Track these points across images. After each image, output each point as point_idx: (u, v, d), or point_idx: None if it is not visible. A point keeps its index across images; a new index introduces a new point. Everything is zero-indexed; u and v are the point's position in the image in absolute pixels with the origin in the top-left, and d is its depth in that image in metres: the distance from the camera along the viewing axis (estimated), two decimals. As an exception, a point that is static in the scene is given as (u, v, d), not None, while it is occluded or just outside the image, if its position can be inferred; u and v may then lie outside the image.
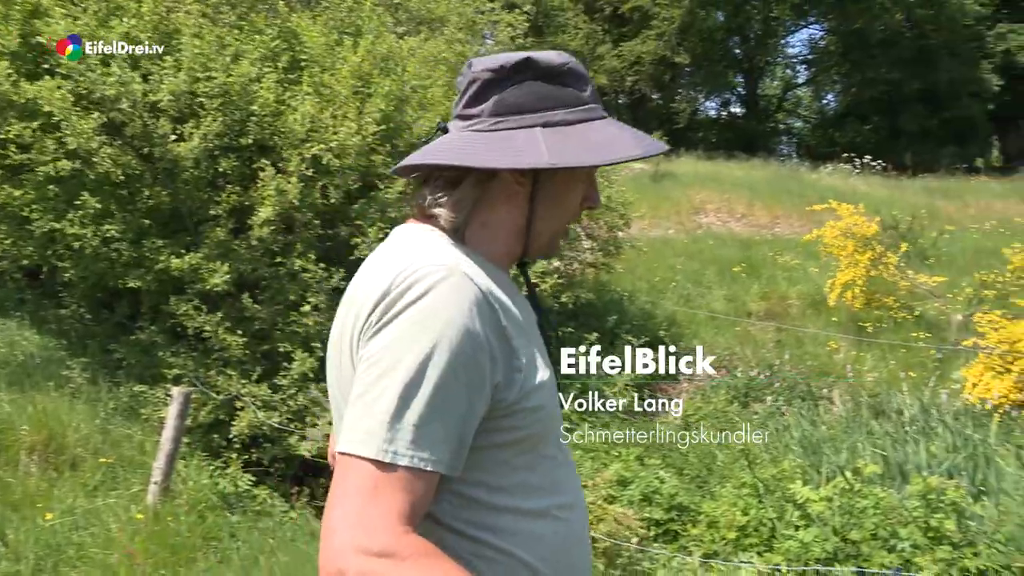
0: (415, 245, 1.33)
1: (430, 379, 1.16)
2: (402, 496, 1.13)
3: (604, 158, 1.32)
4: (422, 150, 1.39)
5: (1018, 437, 7.17)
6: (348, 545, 1.09)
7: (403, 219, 1.28)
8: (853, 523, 4.82)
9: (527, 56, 1.34)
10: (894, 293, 11.47)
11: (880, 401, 8.49)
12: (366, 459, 1.14)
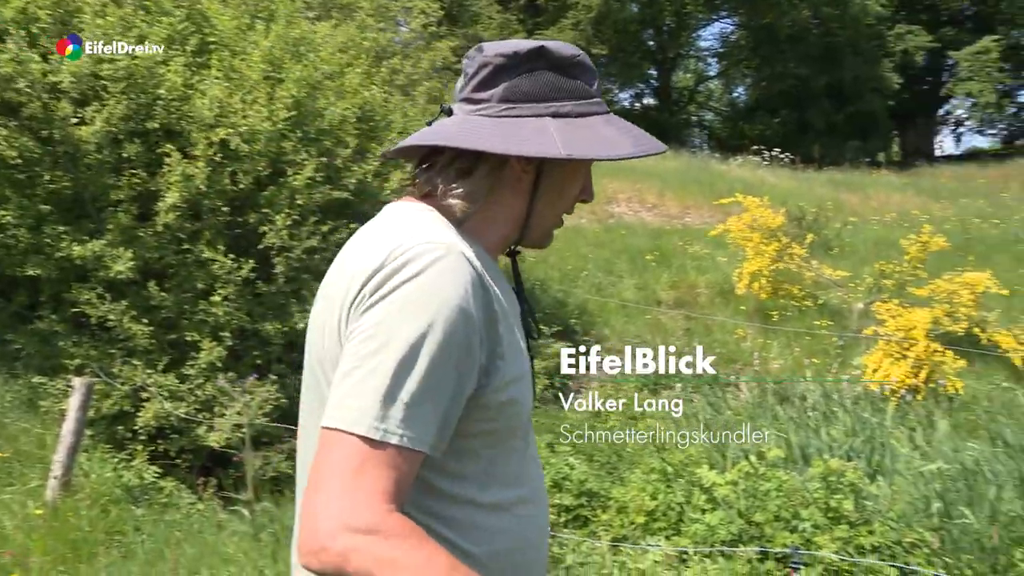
0: (410, 222, 1.30)
1: (424, 358, 1.14)
2: (388, 474, 1.11)
3: (615, 153, 1.32)
4: (428, 131, 1.37)
5: (911, 420, 7.46)
6: (332, 521, 1.07)
7: (312, 205, 1.27)
8: (757, 505, 4.95)
9: (541, 45, 1.34)
10: (799, 283, 11.78)
11: (785, 387, 8.72)
12: (355, 435, 1.11)
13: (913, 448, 6.28)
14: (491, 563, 1.29)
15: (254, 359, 6.64)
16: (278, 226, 6.47)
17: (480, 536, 1.29)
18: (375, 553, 1.06)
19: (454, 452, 1.25)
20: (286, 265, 6.60)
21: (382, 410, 1.12)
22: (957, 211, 18.79)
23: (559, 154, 1.27)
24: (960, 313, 10.02)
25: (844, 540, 4.57)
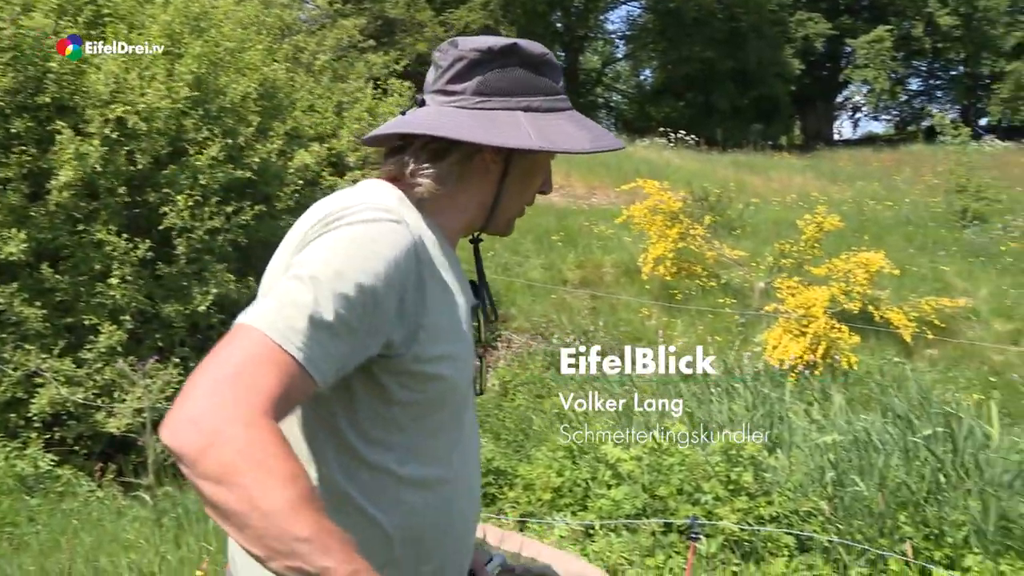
0: (368, 191, 1.36)
1: (343, 295, 1.14)
2: (280, 380, 1.08)
3: (582, 147, 1.38)
4: (404, 120, 1.39)
5: (808, 395, 7.70)
6: (212, 399, 1.04)
7: (215, 185, 1.25)
8: (661, 480, 5.05)
9: (514, 43, 1.38)
10: (702, 262, 12.02)
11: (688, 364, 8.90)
12: (262, 333, 1.10)
13: (810, 422, 6.48)
14: (398, 535, 1.31)
15: (156, 342, 6.49)
16: (180, 207, 6.31)
17: (390, 506, 1.30)
18: (239, 447, 1.02)
19: (379, 418, 1.27)
20: (187, 246, 6.45)
21: (295, 323, 1.11)
22: (854, 193, 19.40)
23: (533, 146, 1.33)
24: (855, 291, 10.36)
25: (744, 511, 4.70)
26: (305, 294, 1.13)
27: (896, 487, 4.77)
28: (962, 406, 6.44)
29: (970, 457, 4.98)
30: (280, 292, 1.15)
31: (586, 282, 12.33)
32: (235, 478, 1.00)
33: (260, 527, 1.00)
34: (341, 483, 1.27)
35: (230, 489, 1.00)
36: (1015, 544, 4.41)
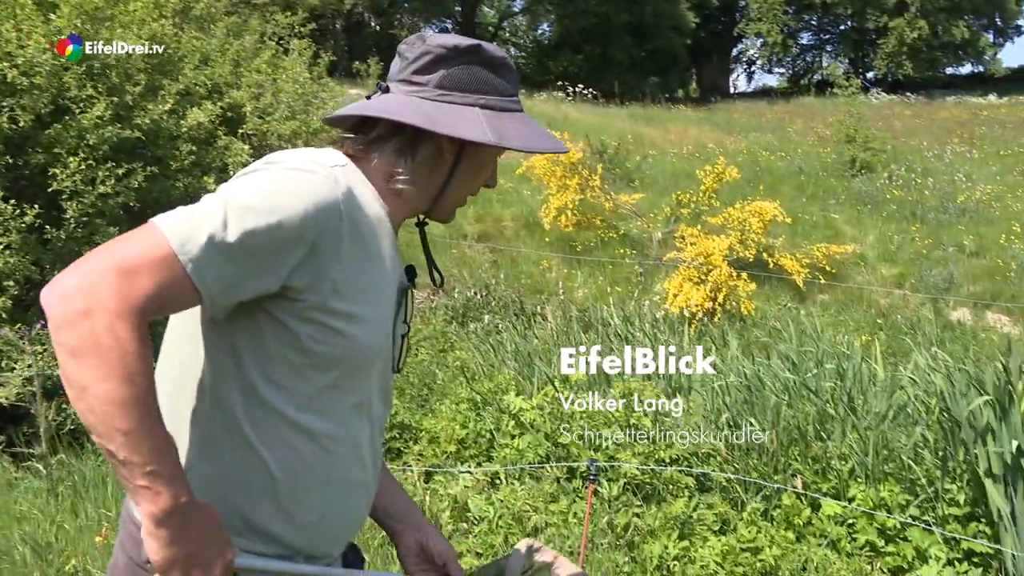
0: (323, 152, 1.41)
1: (251, 225, 1.20)
2: (161, 285, 1.15)
3: (533, 146, 1.48)
4: (369, 104, 1.46)
5: (708, 341, 7.86)
6: (97, 279, 1.11)
7: (103, 145, 1.21)
8: (562, 428, 5.10)
9: (477, 43, 1.46)
10: (601, 214, 12.12)
11: (589, 315, 8.99)
12: (165, 237, 1.16)
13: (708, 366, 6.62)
14: (283, 478, 1.36)
15: (43, 308, 6.21)
16: (71, 169, 6.03)
17: (278, 448, 1.35)
18: (99, 331, 1.11)
19: (285, 363, 1.32)
20: (78, 210, 6.17)
21: (196, 235, 1.17)
22: (748, 144, 19.80)
23: (489, 141, 1.42)
24: (751, 239, 10.61)
25: (645, 455, 4.79)
26: (216, 213, 1.19)
27: (787, 427, 4.92)
28: (851, 347, 6.65)
29: (856, 395, 5.16)
30: (197, 206, 1.21)
31: (486, 236, 12.31)
32: (85, 357, 1.10)
33: (90, 405, 1.12)
34: (238, 415, 1.33)
35: (79, 364, 1.11)
36: (893, 471, 4.60)
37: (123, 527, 1.45)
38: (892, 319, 10.57)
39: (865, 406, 5.06)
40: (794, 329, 7.92)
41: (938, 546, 4.08)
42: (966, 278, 11.96)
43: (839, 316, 10.54)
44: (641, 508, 4.46)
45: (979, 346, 8.92)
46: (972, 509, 4.34)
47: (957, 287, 11.65)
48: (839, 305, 11.10)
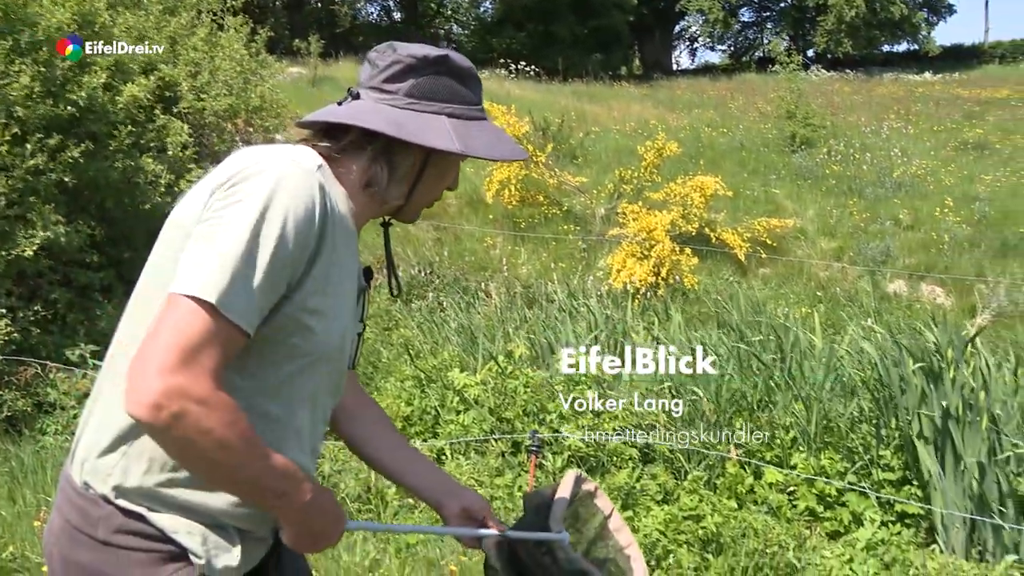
0: (296, 150, 1.45)
1: (267, 248, 1.28)
2: (223, 350, 1.25)
3: (497, 154, 1.54)
4: (341, 110, 1.51)
5: (650, 315, 7.93)
6: (172, 379, 1.19)
7: (35, 119, 1.16)
8: (507, 403, 5.12)
9: (446, 54, 1.52)
10: (545, 191, 12.13)
11: (533, 291, 9.02)
12: (209, 304, 1.23)
13: (652, 339, 6.68)
14: None
15: (-26, 291, 6.06)
16: (-2, 141, 5.86)
17: None
18: (200, 422, 1.21)
19: (260, 354, 1.39)
20: (7, 186, 6.01)
21: (232, 288, 1.25)
22: (690, 121, 19.93)
23: (456, 149, 1.48)
24: (693, 214, 10.70)
25: (590, 427, 4.82)
26: (237, 254, 1.26)
27: (730, 395, 4.99)
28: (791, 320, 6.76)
29: (796, 365, 5.25)
30: (215, 251, 1.26)
31: (429, 213, 12.25)
32: (207, 451, 1.25)
33: (242, 488, 1.34)
34: None
35: (209, 460, 1.26)
36: (833, 440, 4.70)
37: (62, 491, 1.47)
38: (831, 291, 10.76)
39: (805, 377, 5.15)
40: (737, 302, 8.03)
41: (873, 509, 4.18)
42: (902, 251, 12.20)
43: (780, 289, 10.69)
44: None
45: (914, 316, 9.10)
46: (905, 473, 4.45)
47: (893, 260, 11.88)
48: (780, 278, 11.26)
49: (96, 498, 1.39)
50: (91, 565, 1.39)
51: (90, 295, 6.78)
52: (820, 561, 3.67)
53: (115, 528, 1.37)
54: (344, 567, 3.45)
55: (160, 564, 1.38)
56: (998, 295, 10.35)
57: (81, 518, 1.40)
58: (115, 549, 1.37)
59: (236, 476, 1.32)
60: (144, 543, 1.38)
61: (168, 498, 1.39)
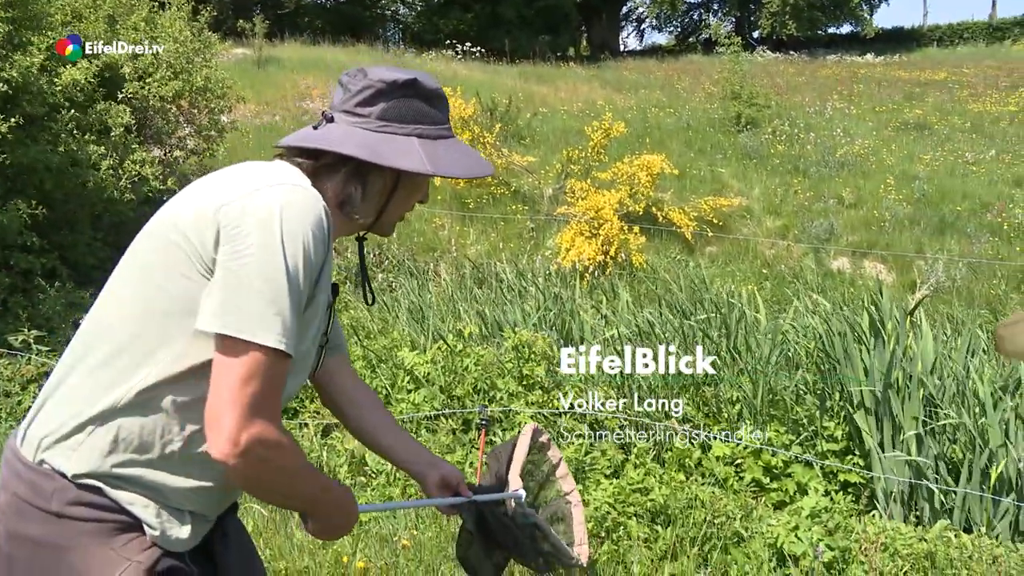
0: (287, 170, 1.55)
1: (292, 273, 1.39)
2: (280, 384, 1.41)
3: (464, 172, 1.65)
4: (318, 135, 1.60)
5: (599, 294, 7.99)
6: (247, 434, 1.35)
7: None
8: (457, 380, 5.14)
9: (414, 78, 1.61)
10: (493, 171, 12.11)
11: (482, 271, 9.03)
12: (263, 349, 1.36)
13: (600, 317, 6.74)
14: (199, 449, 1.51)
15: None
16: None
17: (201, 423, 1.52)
18: (283, 465, 1.44)
19: None
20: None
21: (278, 325, 1.37)
22: (638, 101, 20.02)
23: (426, 171, 1.58)
24: (640, 193, 10.77)
25: (539, 404, 4.86)
26: (277, 292, 1.37)
27: (677, 371, 5.05)
28: (738, 296, 6.84)
29: (741, 341, 5.33)
30: (255, 296, 1.36)
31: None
32: (279, 488, 1.51)
33: (303, 505, 1.60)
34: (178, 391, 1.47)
35: (276, 491, 1.53)
36: (778, 413, 4.79)
37: (7, 466, 1.52)
38: (777, 269, 10.92)
39: (751, 352, 5.23)
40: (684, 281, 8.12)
41: (817, 480, 4.28)
42: (845, 229, 12.41)
43: (727, 267, 10.83)
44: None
45: (857, 292, 9.28)
46: (848, 444, 4.56)
47: (837, 237, 12.09)
48: (726, 257, 11.40)
49: (50, 472, 1.44)
50: (43, 538, 1.43)
51: (32, 279, 6.66)
52: (767, 530, 3.75)
53: (69, 500, 1.42)
54: (297, 544, 3.45)
55: (114, 534, 1.44)
56: (936, 271, 10.59)
57: (32, 492, 1.44)
58: (69, 520, 1.42)
59: (291, 494, 1.55)
60: (98, 514, 1.43)
61: (128, 477, 1.45)
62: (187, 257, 1.44)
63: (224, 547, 1.68)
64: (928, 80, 24.01)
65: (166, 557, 1.48)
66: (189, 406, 1.47)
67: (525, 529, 2.06)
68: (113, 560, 1.43)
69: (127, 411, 1.45)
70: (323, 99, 17.09)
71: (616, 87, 22.16)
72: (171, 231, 1.48)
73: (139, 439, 1.46)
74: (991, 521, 4.06)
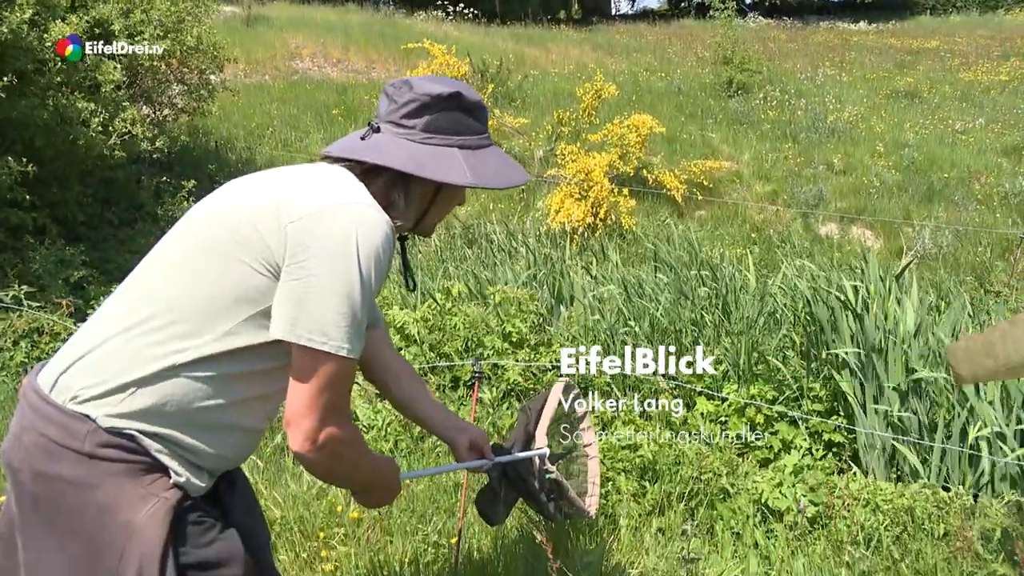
0: (358, 187, 1.64)
1: (365, 289, 1.53)
2: (350, 386, 1.60)
3: (503, 183, 1.74)
4: (367, 146, 1.70)
5: (588, 255, 8.03)
6: (327, 433, 1.56)
7: None
8: (445, 338, 5.17)
9: (458, 91, 1.71)
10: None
11: (472, 231, 9.05)
12: (337, 359, 1.52)
13: (590, 278, 6.78)
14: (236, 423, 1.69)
15: None
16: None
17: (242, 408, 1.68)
18: (351, 457, 1.67)
19: (257, 374, 1.64)
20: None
21: (348, 335, 1.52)
22: (629, 65, 19.95)
23: (468, 183, 1.69)
24: (631, 153, 10.77)
25: (527, 361, 4.90)
26: (351, 305, 1.52)
27: (664, 326, 5.10)
28: (726, 259, 6.89)
29: (730, 302, 5.37)
30: (332, 309, 1.51)
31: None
32: (344, 475, 1.77)
33: (358, 487, 1.87)
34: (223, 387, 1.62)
35: (342, 478, 1.83)
36: (763, 372, 4.84)
37: (34, 410, 1.59)
38: (765, 233, 10.96)
39: (738, 312, 5.28)
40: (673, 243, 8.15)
41: (802, 437, 4.34)
42: (834, 195, 12.44)
43: (716, 231, 10.86)
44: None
45: (844, 258, 9.34)
46: (832, 404, 4.62)
47: (826, 203, 12.13)
48: (716, 221, 11.43)
49: (80, 415, 1.53)
50: (74, 477, 1.53)
51: (21, 236, 6.64)
52: (752, 486, 3.81)
53: (101, 443, 1.52)
54: (292, 495, 3.51)
55: (141, 474, 1.55)
56: (923, 237, 10.66)
57: (64, 433, 1.53)
58: (100, 461, 1.52)
59: (351, 479, 1.81)
60: (128, 456, 1.54)
61: (161, 435, 1.57)
62: (256, 252, 1.56)
63: (231, 493, 1.82)
64: (920, 48, 23.98)
65: (186, 499, 1.60)
66: (229, 381, 1.61)
67: (545, 484, 2.26)
68: (143, 496, 1.54)
69: (171, 379, 1.56)
70: (313, 59, 16.98)
71: (607, 50, 22.06)
72: (245, 224, 1.58)
73: (178, 407, 1.58)
74: (968, 479, 4.15)
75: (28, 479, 1.56)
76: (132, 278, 1.68)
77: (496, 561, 3.03)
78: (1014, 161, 14.03)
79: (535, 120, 13.31)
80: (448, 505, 3.48)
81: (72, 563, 1.56)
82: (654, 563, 3.26)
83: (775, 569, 3.36)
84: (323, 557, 3.09)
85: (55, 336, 5.26)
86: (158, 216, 8.02)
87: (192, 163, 9.61)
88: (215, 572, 1.64)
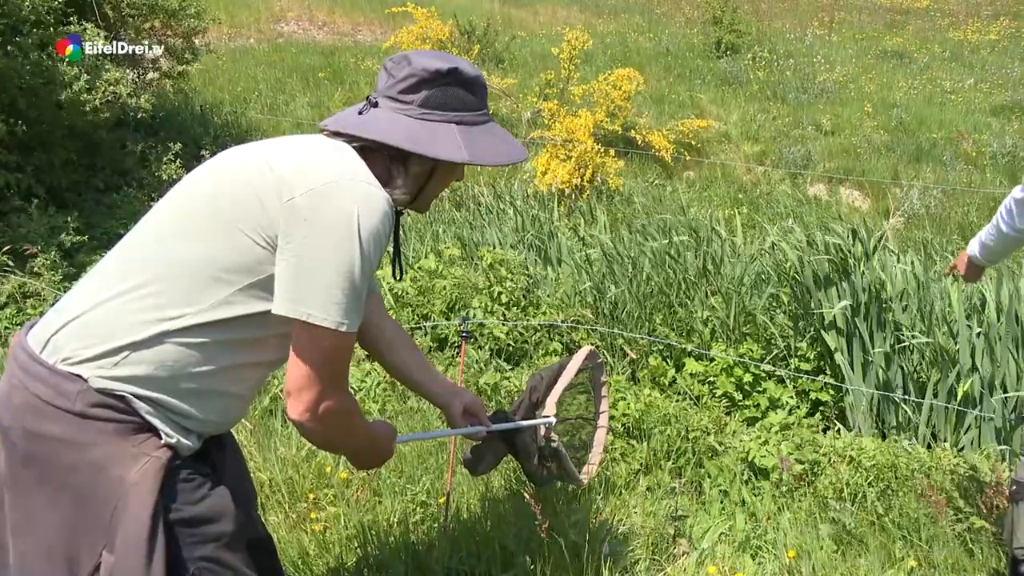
0: (359, 163, 1.64)
1: (365, 266, 1.55)
2: (348, 359, 1.64)
3: (501, 160, 1.75)
4: (365, 122, 1.70)
5: (576, 217, 8.02)
6: (325, 403, 1.61)
7: None
8: (432, 300, 5.17)
9: (456, 67, 1.71)
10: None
11: (461, 193, 9.02)
12: (335, 331, 1.54)
13: (577, 239, 6.77)
14: (230, 389, 1.72)
15: None
16: None
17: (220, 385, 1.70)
18: (349, 426, 1.73)
19: (254, 340, 1.67)
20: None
21: (347, 310, 1.55)
22: (617, 26, 19.80)
23: (464, 160, 1.71)
24: (617, 108, 10.73)
25: (515, 319, 4.91)
26: (350, 281, 1.54)
27: (650, 291, 5.11)
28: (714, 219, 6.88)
29: (718, 263, 5.38)
30: (332, 285, 1.53)
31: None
32: (340, 443, 1.82)
33: (351, 453, 1.90)
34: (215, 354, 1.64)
35: (338, 445, 1.86)
36: (751, 332, 4.86)
37: (23, 370, 1.60)
38: (753, 194, 10.96)
39: (726, 272, 5.28)
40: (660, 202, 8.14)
41: (789, 394, 4.37)
42: (823, 155, 12.44)
43: (704, 192, 10.86)
44: (511, 370, 4.60)
45: (832, 218, 9.35)
46: (820, 364, 4.65)
47: (814, 164, 12.12)
48: (704, 181, 11.42)
49: (71, 375, 1.55)
50: (65, 435, 1.55)
51: (7, 197, 6.58)
52: (739, 444, 3.84)
53: (92, 403, 1.54)
54: (281, 457, 3.52)
55: (131, 434, 1.57)
56: (911, 198, 10.67)
57: (55, 392, 1.55)
58: (91, 421, 1.54)
59: (347, 446, 1.85)
60: (118, 415, 1.56)
61: (152, 399, 1.60)
62: (254, 223, 1.57)
63: (220, 453, 1.85)
64: (910, 8, 23.88)
65: (176, 457, 1.63)
66: (221, 348, 1.63)
67: (545, 452, 2.28)
68: (135, 454, 1.57)
69: (163, 345, 1.59)
70: (298, 22, 16.80)
71: (595, 11, 21.88)
72: (244, 195, 1.60)
73: (170, 372, 1.60)
74: (955, 438, 4.19)
75: (19, 438, 1.58)
76: (126, 243, 1.69)
77: (484, 520, 3.05)
78: (1003, 120, 14.03)
79: (523, 81, 13.22)
80: (436, 466, 3.50)
81: (63, 519, 1.58)
82: (642, 521, 3.29)
83: (762, 526, 3.40)
84: (313, 518, 3.11)
85: (43, 301, 5.24)
86: (144, 182, 7.95)
87: (177, 128, 9.51)
88: (206, 528, 1.66)
